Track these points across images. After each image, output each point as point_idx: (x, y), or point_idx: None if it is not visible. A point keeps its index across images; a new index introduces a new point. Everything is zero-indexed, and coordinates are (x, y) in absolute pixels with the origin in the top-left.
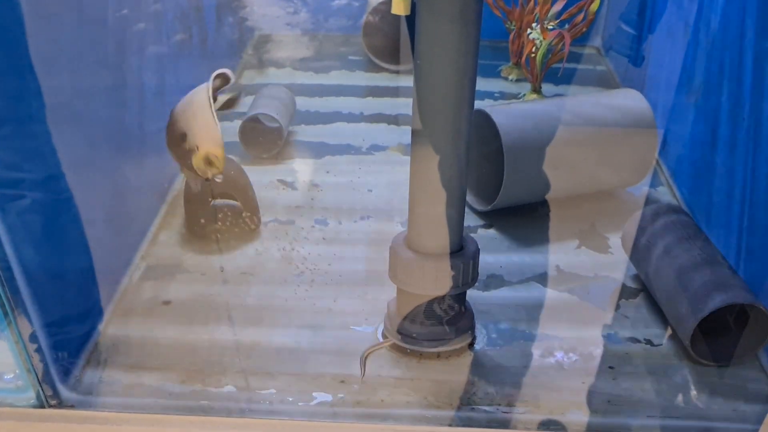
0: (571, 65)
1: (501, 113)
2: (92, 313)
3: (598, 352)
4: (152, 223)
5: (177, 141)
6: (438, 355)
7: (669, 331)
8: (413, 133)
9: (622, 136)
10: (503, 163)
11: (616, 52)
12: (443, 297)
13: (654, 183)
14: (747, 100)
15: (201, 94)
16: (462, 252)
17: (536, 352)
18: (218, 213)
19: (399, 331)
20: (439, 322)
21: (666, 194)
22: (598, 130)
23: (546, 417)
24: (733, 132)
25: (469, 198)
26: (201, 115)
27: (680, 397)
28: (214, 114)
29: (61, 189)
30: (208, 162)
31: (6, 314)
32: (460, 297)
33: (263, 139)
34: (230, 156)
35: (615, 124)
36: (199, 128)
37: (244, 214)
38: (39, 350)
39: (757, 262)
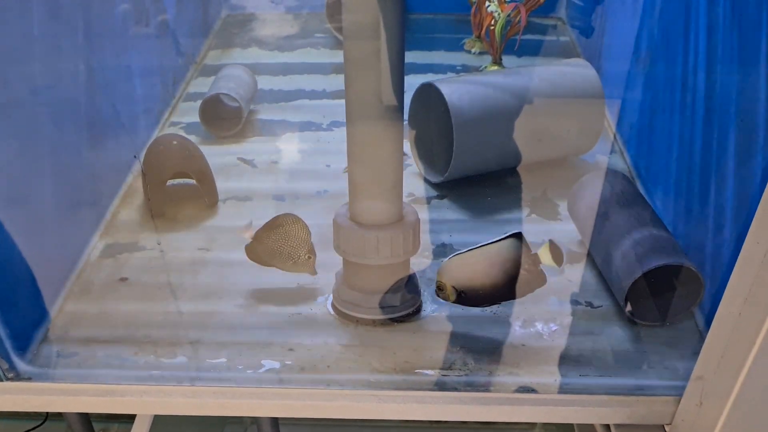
0: (536, 36)
1: (449, 85)
2: (49, 289)
3: (540, 315)
4: (111, 204)
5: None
6: (383, 322)
7: (608, 294)
8: (347, 107)
9: (570, 104)
10: None
11: (572, 23)
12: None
13: (609, 151)
14: (689, 69)
15: None
16: (402, 221)
17: (479, 317)
18: (175, 192)
19: (346, 300)
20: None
21: (618, 161)
22: (547, 99)
23: (487, 379)
24: (676, 99)
25: (424, 170)
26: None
27: (615, 356)
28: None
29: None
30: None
31: None
32: (405, 266)
33: (224, 118)
34: (189, 136)
35: (564, 93)
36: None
37: (201, 192)
38: None
39: (695, 225)
